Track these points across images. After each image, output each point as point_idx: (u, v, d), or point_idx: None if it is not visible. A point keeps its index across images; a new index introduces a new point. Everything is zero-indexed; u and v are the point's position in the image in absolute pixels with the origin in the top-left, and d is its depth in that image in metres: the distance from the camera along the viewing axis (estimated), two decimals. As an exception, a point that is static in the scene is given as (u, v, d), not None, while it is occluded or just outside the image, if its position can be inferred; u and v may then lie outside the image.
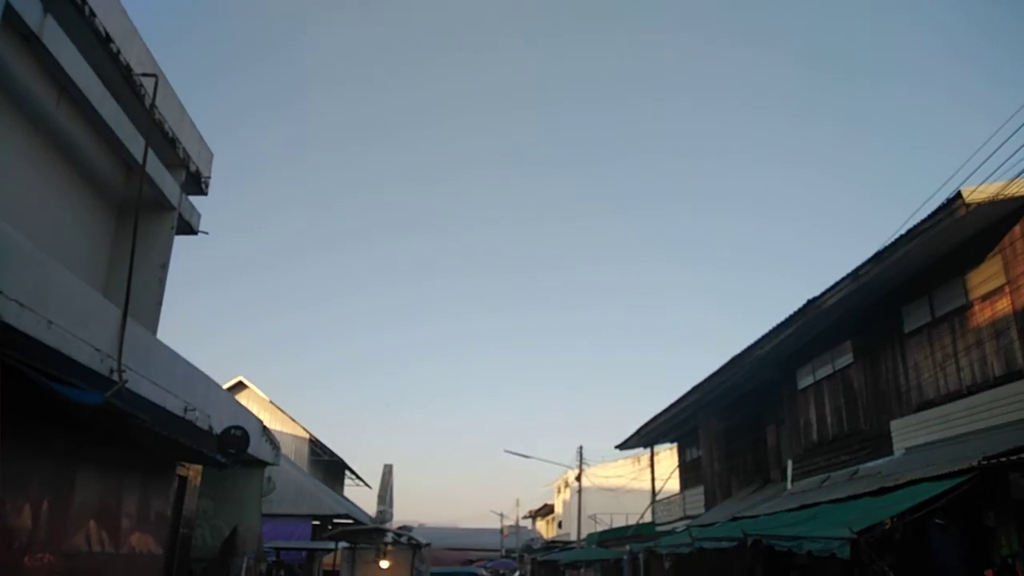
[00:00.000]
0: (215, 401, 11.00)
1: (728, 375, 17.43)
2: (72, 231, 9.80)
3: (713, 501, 20.26)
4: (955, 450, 10.10)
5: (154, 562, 8.98)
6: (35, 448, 6.32)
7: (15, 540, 5.97)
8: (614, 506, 36.05)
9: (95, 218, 10.38)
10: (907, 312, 12.55)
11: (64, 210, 9.55)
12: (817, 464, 15.15)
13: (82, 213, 10.02)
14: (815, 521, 10.65)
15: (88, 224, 10.21)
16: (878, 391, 13.32)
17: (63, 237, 9.43)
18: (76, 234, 9.90)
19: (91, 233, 10.30)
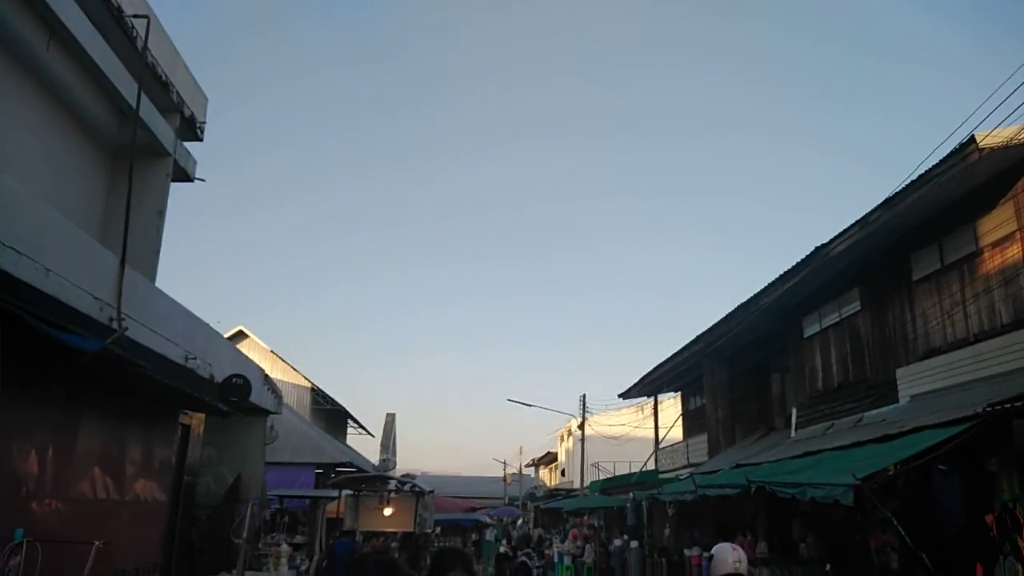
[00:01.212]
0: (216, 350, 11.11)
1: (733, 324, 17.52)
2: (67, 179, 9.78)
3: (717, 449, 20.57)
4: (960, 397, 10.22)
5: (159, 509, 9.19)
6: (38, 396, 6.43)
7: (22, 487, 6.11)
8: (617, 454, 36.59)
9: (90, 165, 10.34)
10: (916, 259, 12.55)
11: (58, 157, 9.51)
12: (821, 412, 15.33)
13: (76, 160, 9.98)
14: (818, 468, 10.83)
15: (83, 172, 10.18)
16: (884, 339, 13.41)
17: (58, 185, 9.41)
18: (71, 182, 9.88)
19: (86, 181, 10.28)
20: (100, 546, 3.76)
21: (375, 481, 12.03)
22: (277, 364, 32.34)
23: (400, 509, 11.15)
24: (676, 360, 21.83)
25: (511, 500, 52.62)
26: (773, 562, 12.92)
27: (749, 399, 20.22)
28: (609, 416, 38.95)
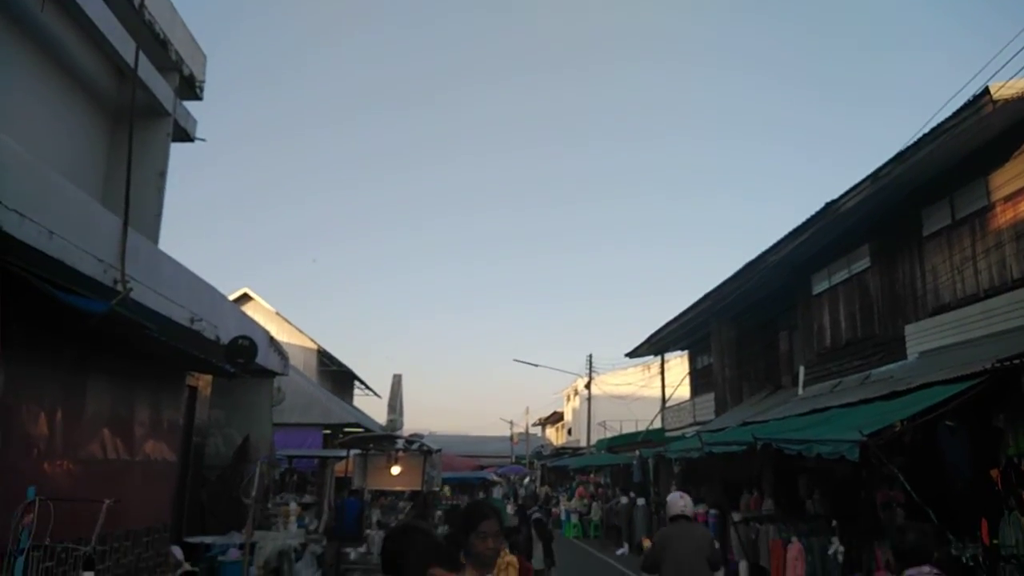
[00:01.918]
0: (221, 312, 11.17)
1: (742, 281, 17.52)
2: (66, 141, 9.75)
3: (723, 407, 20.73)
4: (969, 353, 10.24)
5: (169, 469, 9.33)
6: (46, 358, 6.50)
7: (33, 447, 6.21)
8: (623, 413, 36.91)
9: (89, 127, 10.30)
10: (927, 214, 12.49)
11: (57, 119, 9.48)
12: (829, 370, 15.40)
13: (76, 122, 9.94)
14: (825, 425, 10.92)
15: (82, 133, 10.14)
16: (894, 295, 13.41)
17: (57, 147, 9.39)
18: (71, 144, 9.86)
19: (86, 143, 10.25)
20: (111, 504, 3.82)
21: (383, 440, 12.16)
22: (283, 326, 32.51)
23: (408, 468, 11.32)
24: (683, 319, 21.89)
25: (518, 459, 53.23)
26: (779, 518, 13.09)
27: (756, 357, 20.30)
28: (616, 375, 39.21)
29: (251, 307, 31.47)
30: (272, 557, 11.22)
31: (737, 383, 20.95)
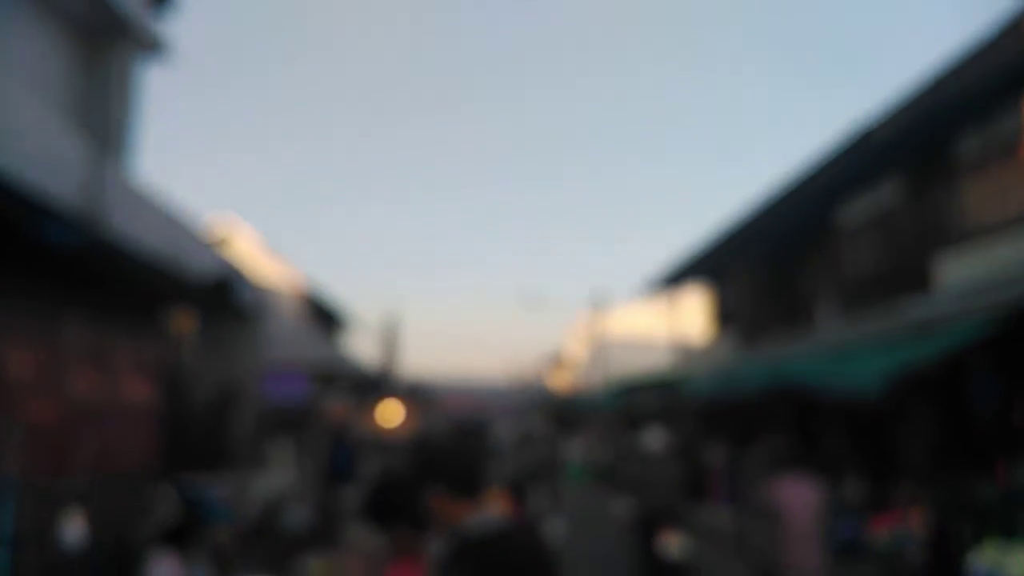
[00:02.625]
0: (203, 248, 11.36)
1: (764, 213, 17.57)
2: (34, 65, 9.76)
3: (741, 347, 21.02)
4: (999, 287, 10.40)
5: (155, 410, 9.65)
6: (22, 296, 6.70)
7: (15, 387, 6.46)
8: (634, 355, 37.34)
9: (57, 50, 10.28)
10: (962, 142, 12.49)
11: (23, 41, 9.47)
12: (853, 305, 15.60)
13: (43, 45, 9.92)
14: (847, 363, 11.17)
15: (51, 57, 10.13)
16: (924, 227, 13.50)
17: (26, 72, 9.41)
18: (39, 68, 9.86)
19: (55, 67, 10.25)
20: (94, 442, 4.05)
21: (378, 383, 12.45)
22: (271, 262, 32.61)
23: (406, 412, 11.61)
24: (700, 254, 21.97)
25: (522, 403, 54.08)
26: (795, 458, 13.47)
27: (778, 293, 20.49)
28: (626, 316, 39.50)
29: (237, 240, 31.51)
30: (264, 500, 11.67)
31: (756, 321, 21.19)
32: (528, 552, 2.55)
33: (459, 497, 2.56)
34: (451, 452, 2.69)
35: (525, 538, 2.66)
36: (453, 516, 2.56)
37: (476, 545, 2.43)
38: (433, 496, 2.59)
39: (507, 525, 2.60)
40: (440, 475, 2.60)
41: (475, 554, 2.40)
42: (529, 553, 2.54)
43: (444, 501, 2.57)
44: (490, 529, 2.49)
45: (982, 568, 7.47)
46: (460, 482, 2.58)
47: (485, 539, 2.46)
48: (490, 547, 2.43)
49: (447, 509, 2.57)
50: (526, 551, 2.54)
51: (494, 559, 2.40)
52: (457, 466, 2.62)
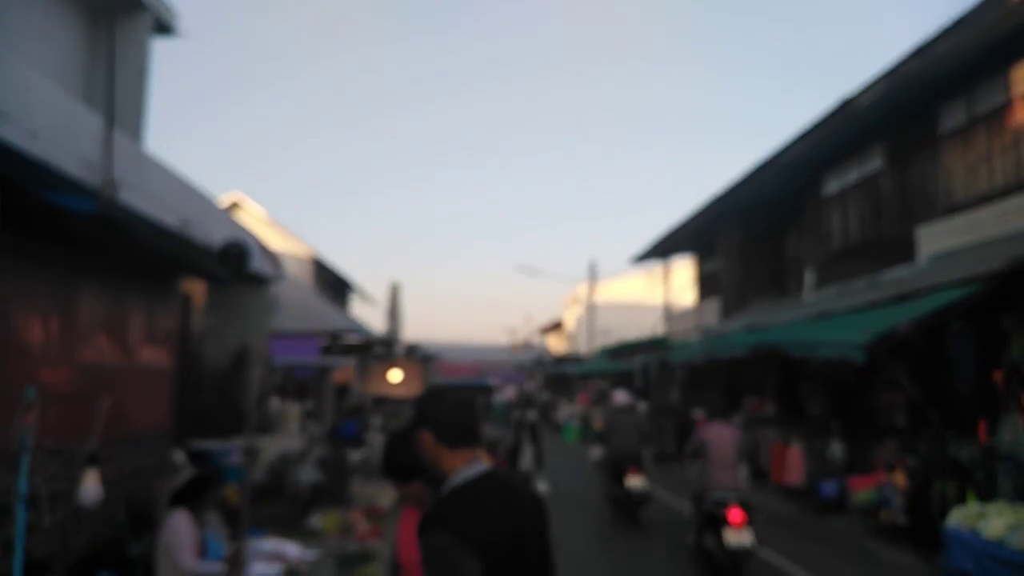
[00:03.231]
0: (212, 217, 11.17)
1: (752, 183, 17.42)
2: (43, 38, 9.51)
3: (728, 313, 20.97)
4: (980, 256, 10.31)
5: (166, 375, 9.53)
6: (36, 264, 6.55)
7: (29, 353, 6.34)
8: (626, 321, 37.36)
9: (66, 23, 10.02)
10: (943, 112, 12.32)
11: (33, 17, 9.22)
12: (837, 274, 15.51)
13: (51, 18, 9.67)
14: (831, 328, 11.10)
15: (59, 30, 9.88)
16: (905, 197, 13.37)
17: (34, 45, 9.17)
18: (47, 41, 9.61)
19: (63, 40, 9.99)
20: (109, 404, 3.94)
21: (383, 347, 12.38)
22: (277, 233, 32.46)
23: (409, 373, 11.57)
24: (691, 223, 21.87)
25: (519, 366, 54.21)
26: (780, 422, 13.47)
27: (763, 262, 20.41)
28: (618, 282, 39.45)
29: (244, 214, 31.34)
30: (275, 460, 11.61)
31: (743, 288, 21.13)
32: (518, 489, 2.50)
33: (449, 445, 2.46)
34: (443, 400, 2.58)
35: (514, 479, 2.63)
36: (446, 464, 2.46)
37: (466, 486, 2.37)
38: (422, 438, 2.49)
39: (497, 470, 2.53)
40: (429, 420, 2.51)
41: (465, 493, 2.35)
42: (519, 490, 2.50)
43: (432, 445, 2.47)
44: (480, 473, 2.42)
45: (961, 524, 7.44)
46: (450, 429, 2.48)
47: (476, 479, 2.39)
48: (481, 484, 2.39)
49: (437, 454, 2.47)
50: (516, 488, 2.50)
51: (485, 495, 2.36)
52: (448, 413, 2.52)
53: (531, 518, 2.46)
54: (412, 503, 3.08)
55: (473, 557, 2.19)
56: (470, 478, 2.41)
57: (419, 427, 2.52)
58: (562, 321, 57.74)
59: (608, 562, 8.75)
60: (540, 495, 2.60)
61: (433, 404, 2.57)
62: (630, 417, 11.91)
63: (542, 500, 2.58)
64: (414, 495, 3.03)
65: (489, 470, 2.46)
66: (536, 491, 2.63)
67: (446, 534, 2.22)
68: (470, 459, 2.47)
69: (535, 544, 2.45)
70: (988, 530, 7.06)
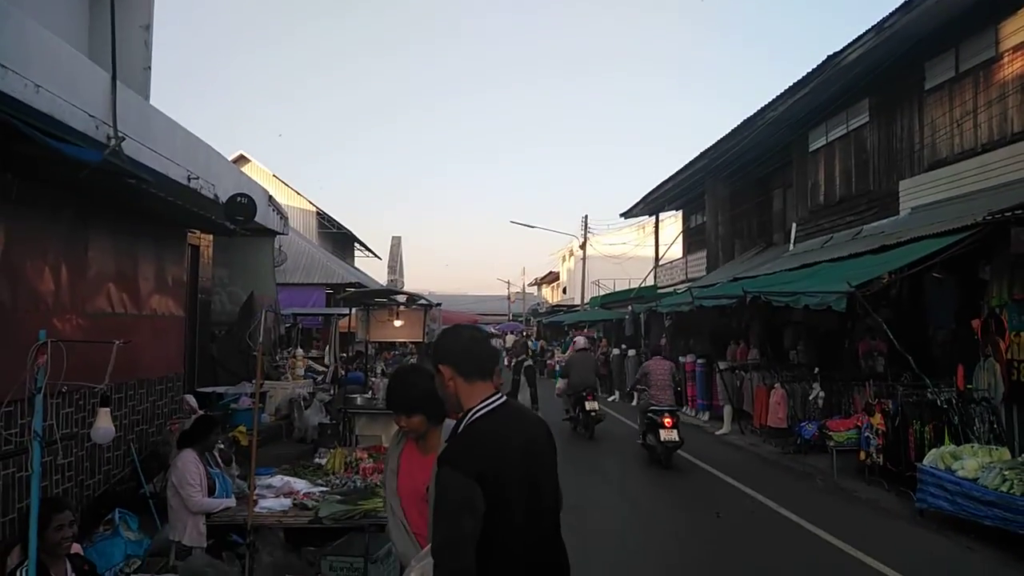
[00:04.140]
0: (218, 170, 10.96)
1: (739, 139, 17.19)
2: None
3: (715, 264, 20.90)
4: (962, 208, 10.20)
5: (177, 323, 9.46)
6: (46, 214, 6.41)
7: (41, 303, 6.24)
8: (617, 273, 37.28)
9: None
10: (930, 67, 12.08)
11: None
12: (821, 226, 15.41)
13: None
14: (814, 278, 11.04)
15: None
16: (891, 151, 13.21)
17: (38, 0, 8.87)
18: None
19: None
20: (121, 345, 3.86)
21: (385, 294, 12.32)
22: (280, 188, 32.15)
23: (409, 322, 11.50)
24: (679, 177, 21.67)
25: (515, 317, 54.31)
26: (763, 367, 13.49)
27: (750, 215, 20.28)
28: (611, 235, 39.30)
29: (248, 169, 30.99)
30: (282, 405, 11.63)
31: (729, 241, 21.02)
32: (530, 416, 2.59)
33: (467, 378, 2.45)
34: (459, 335, 2.58)
35: (525, 408, 2.72)
36: (464, 397, 2.45)
37: (485, 416, 2.39)
38: (440, 373, 2.47)
39: (511, 400, 2.55)
40: (448, 355, 2.49)
41: (484, 424, 2.37)
42: (531, 416, 2.59)
43: (451, 379, 2.45)
44: (498, 403, 2.43)
45: (937, 464, 7.47)
46: (468, 363, 2.47)
47: (494, 410, 2.41)
48: (499, 415, 2.41)
49: (455, 388, 2.46)
50: (528, 415, 2.59)
51: (502, 424, 2.38)
52: (465, 348, 2.51)
53: (542, 442, 2.50)
54: (413, 436, 3.07)
55: (481, 495, 2.20)
56: (488, 409, 2.41)
57: (437, 362, 2.50)
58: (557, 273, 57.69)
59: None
60: (546, 423, 2.65)
61: (451, 340, 2.56)
62: (587, 356, 15.07)
63: (548, 427, 2.62)
64: (416, 428, 3.01)
65: (505, 401, 2.47)
66: (542, 419, 2.68)
67: (462, 473, 2.22)
68: (488, 392, 2.47)
69: (546, 466, 2.50)
70: (962, 470, 7.09)
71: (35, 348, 3.27)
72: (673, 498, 9.28)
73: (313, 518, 5.10)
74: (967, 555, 6.63)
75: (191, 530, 5.27)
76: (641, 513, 8.47)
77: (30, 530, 3.40)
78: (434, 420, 3.01)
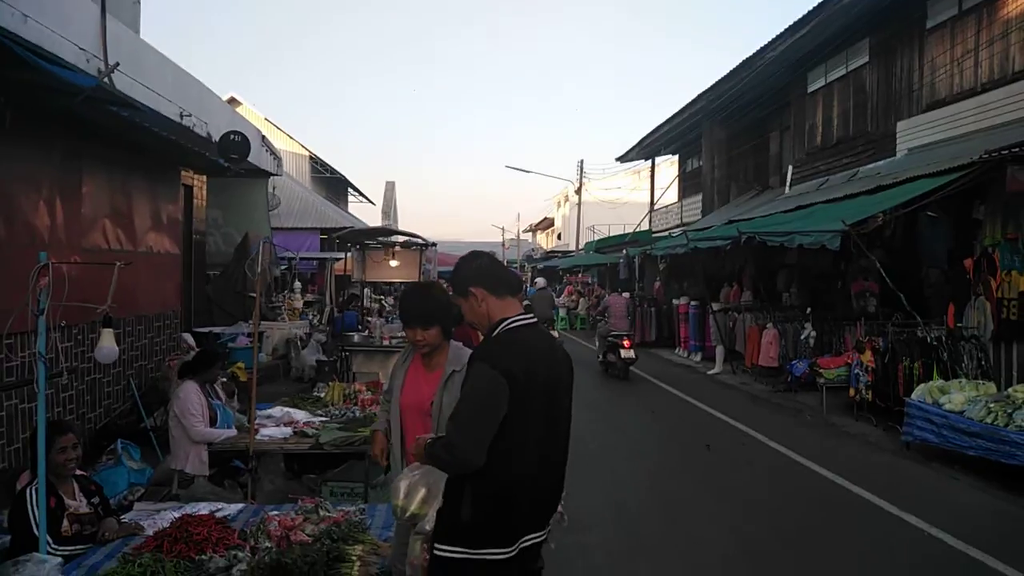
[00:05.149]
0: (210, 108, 10.84)
1: (737, 80, 16.96)
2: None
3: (711, 208, 20.86)
4: (959, 148, 10.17)
5: (173, 261, 9.47)
6: (39, 148, 6.35)
7: (36, 238, 6.22)
8: (612, 218, 37.16)
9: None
10: (932, 4, 11.91)
11: None
12: (818, 168, 15.36)
13: None
14: (809, 219, 11.05)
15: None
16: (889, 91, 13.09)
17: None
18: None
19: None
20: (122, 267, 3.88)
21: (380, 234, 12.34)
22: (273, 132, 31.71)
23: (405, 262, 11.54)
24: (676, 120, 21.45)
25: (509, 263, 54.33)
26: (756, 308, 13.60)
27: (746, 158, 20.16)
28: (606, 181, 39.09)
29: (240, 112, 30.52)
30: (279, 345, 11.72)
31: (725, 184, 20.95)
32: (554, 342, 2.72)
33: (499, 295, 2.58)
34: (481, 259, 2.71)
35: (550, 335, 2.91)
36: (496, 313, 2.57)
37: (517, 328, 2.52)
38: (473, 295, 2.58)
39: (539, 324, 2.69)
40: (478, 276, 2.60)
41: (515, 335, 2.51)
42: (555, 342, 2.72)
43: (484, 299, 2.57)
44: (529, 321, 2.58)
45: (924, 398, 7.61)
46: (498, 280, 2.60)
47: (524, 326, 2.55)
48: (528, 331, 2.55)
49: (488, 307, 2.57)
50: (553, 340, 2.73)
51: (530, 339, 2.52)
52: (491, 268, 2.66)
53: (563, 367, 2.63)
54: (424, 351, 3.15)
55: (507, 393, 2.33)
56: (523, 323, 2.55)
57: (468, 287, 2.59)
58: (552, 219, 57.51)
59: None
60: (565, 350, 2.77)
61: (474, 264, 2.67)
62: (546, 293, 18.81)
63: (567, 353, 2.74)
64: (431, 341, 3.10)
65: (536, 321, 2.62)
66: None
67: (493, 368, 2.35)
68: (519, 309, 2.60)
69: (564, 391, 2.61)
70: (949, 403, 7.23)
71: (36, 270, 3.29)
72: (663, 431, 9.46)
73: (314, 444, 5.21)
74: (951, 484, 6.81)
75: (193, 459, 5.36)
76: (630, 443, 8.64)
77: (38, 449, 3.47)
78: (446, 335, 3.12)
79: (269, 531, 3.54)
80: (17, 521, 3.65)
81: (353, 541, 3.47)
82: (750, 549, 5.25)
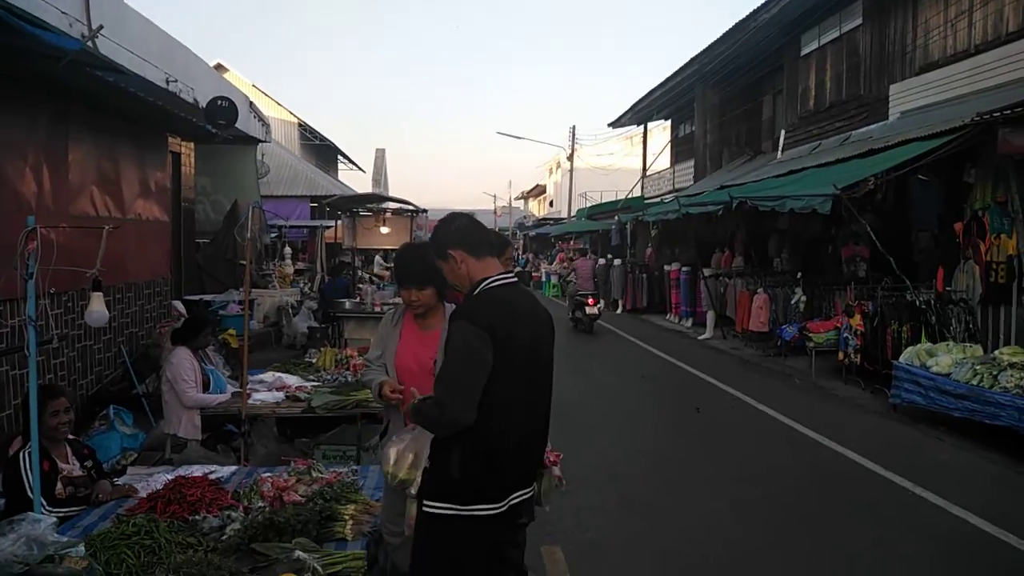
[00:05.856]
0: (196, 74, 10.73)
1: (731, 42, 16.82)
2: None
3: (703, 174, 20.81)
4: (951, 111, 10.15)
5: (162, 228, 9.43)
6: (24, 114, 6.29)
7: (23, 205, 6.17)
8: (605, 185, 37.06)
9: None
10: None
11: None
12: (810, 132, 15.32)
13: None
14: (800, 183, 11.05)
15: None
16: (883, 54, 13.03)
17: None
18: None
19: None
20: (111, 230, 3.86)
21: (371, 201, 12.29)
22: (261, 99, 31.31)
23: (396, 229, 11.52)
24: (669, 85, 21.31)
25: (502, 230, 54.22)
26: (747, 274, 13.66)
27: (738, 122, 20.07)
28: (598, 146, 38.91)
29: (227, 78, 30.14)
30: (270, 312, 11.73)
31: (718, 149, 20.88)
32: (536, 300, 2.73)
33: (478, 255, 2.59)
34: (459, 220, 2.71)
35: (532, 294, 2.89)
36: (476, 273, 2.59)
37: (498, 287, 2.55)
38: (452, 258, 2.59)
39: (520, 283, 2.71)
40: (456, 239, 2.61)
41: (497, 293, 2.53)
42: (537, 301, 2.74)
43: (463, 260, 2.58)
44: (509, 280, 2.60)
45: (912, 361, 7.70)
46: (475, 241, 2.61)
47: (506, 284, 2.58)
48: (510, 289, 2.58)
49: (467, 268, 2.59)
50: (535, 299, 2.75)
51: (512, 297, 2.56)
52: (469, 228, 2.66)
53: (545, 327, 2.67)
54: (419, 311, 3.14)
55: (491, 349, 2.37)
56: (504, 282, 2.58)
57: (446, 249, 2.60)
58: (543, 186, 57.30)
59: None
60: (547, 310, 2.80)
61: (451, 225, 2.67)
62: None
63: (550, 313, 2.77)
64: (427, 302, 3.10)
65: (517, 281, 2.65)
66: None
67: (474, 325, 2.39)
68: (500, 268, 2.62)
69: (545, 347, 2.65)
70: (936, 366, 7.32)
71: (24, 233, 3.28)
72: (654, 394, 9.56)
73: (306, 408, 5.25)
74: (937, 444, 6.93)
75: (186, 424, 5.39)
76: (621, 406, 8.73)
77: (30, 412, 3.48)
78: (440, 297, 3.12)
79: (262, 492, 3.58)
80: (11, 485, 3.69)
81: (346, 501, 3.52)
82: (739, 509, 5.35)
